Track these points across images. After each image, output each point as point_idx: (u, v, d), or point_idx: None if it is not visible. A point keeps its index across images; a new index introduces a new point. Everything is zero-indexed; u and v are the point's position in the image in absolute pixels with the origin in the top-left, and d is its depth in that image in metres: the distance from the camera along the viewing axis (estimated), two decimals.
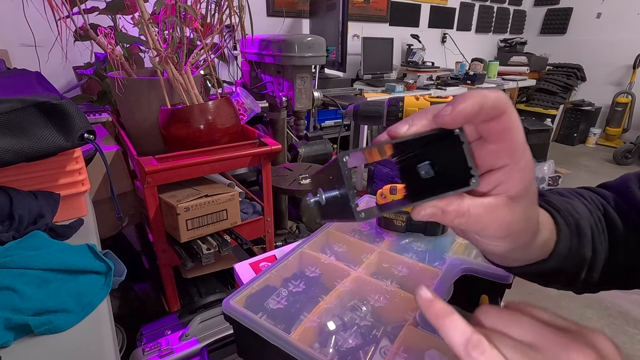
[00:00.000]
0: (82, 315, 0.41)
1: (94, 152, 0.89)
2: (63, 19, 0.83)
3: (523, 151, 0.24)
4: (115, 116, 1.21)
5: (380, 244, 0.62)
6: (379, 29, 3.03)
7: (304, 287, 0.53)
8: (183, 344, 0.68)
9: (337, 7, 2.03)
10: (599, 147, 3.96)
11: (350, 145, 2.69)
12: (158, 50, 0.87)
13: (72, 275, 0.44)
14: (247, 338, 0.46)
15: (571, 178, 3.10)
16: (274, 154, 1.00)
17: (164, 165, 0.84)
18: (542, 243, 0.32)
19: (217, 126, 0.94)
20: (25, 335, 0.39)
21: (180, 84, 0.91)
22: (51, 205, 0.55)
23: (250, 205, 1.10)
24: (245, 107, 1.36)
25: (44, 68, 1.14)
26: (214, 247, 0.93)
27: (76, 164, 0.59)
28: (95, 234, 0.59)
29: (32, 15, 1.05)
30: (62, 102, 0.52)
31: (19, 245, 0.47)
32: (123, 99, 0.97)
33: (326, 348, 0.43)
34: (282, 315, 0.47)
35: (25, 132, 0.50)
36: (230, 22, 0.93)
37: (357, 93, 2.39)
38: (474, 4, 3.71)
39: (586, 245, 0.35)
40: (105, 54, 1.04)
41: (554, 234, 0.33)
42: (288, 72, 1.20)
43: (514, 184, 0.25)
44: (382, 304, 0.49)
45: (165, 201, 0.90)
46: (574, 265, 0.35)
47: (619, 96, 3.73)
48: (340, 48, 2.11)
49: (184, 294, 1.05)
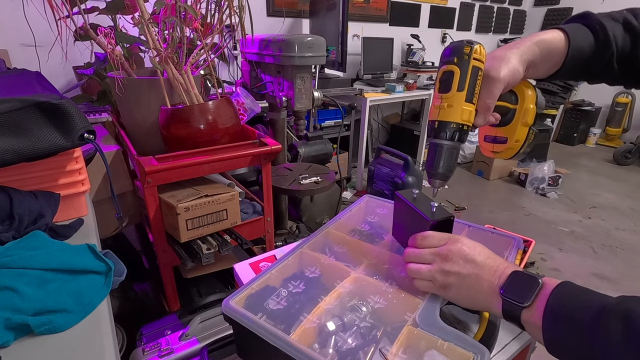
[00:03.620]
0: (82, 315, 0.41)
1: (94, 152, 0.89)
2: (63, 19, 0.83)
3: None
4: (115, 116, 1.21)
5: (380, 244, 0.62)
6: (379, 29, 3.03)
7: (304, 287, 0.53)
8: (183, 344, 0.68)
9: (337, 7, 2.03)
10: (599, 147, 3.96)
11: (351, 145, 2.69)
12: (158, 50, 0.87)
13: (72, 275, 0.44)
14: (247, 338, 0.46)
15: (571, 178, 3.10)
16: (274, 154, 1.00)
17: (164, 165, 0.84)
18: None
19: (217, 126, 0.94)
20: (25, 335, 0.39)
21: (180, 84, 0.91)
22: (51, 205, 0.55)
23: (250, 205, 1.10)
24: (245, 107, 1.36)
25: (44, 68, 1.14)
26: (214, 247, 0.93)
27: (76, 164, 0.59)
28: (95, 234, 0.59)
29: (32, 15, 1.05)
30: (62, 102, 0.52)
31: (19, 245, 0.47)
32: (123, 99, 0.97)
33: (326, 348, 0.43)
34: (281, 316, 0.47)
35: (25, 132, 0.50)
36: (230, 22, 0.93)
37: (357, 93, 2.39)
38: (474, 4, 3.71)
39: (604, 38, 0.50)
40: (105, 54, 1.04)
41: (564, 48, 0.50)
42: (288, 72, 1.20)
43: None
44: (382, 305, 0.49)
45: (165, 201, 0.90)
46: (596, 55, 0.51)
47: (619, 96, 3.73)
48: (340, 48, 2.11)
49: (184, 294, 1.05)
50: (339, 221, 0.68)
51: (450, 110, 0.48)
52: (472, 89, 0.48)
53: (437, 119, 0.49)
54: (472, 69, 0.47)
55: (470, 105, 0.48)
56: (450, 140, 0.49)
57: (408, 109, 3.46)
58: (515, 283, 0.42)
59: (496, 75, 0.48)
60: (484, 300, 0.44)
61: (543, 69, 0.52)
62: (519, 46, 0.51)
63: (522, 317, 0.40)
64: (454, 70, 0.47)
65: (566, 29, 0.51)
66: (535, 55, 0.50)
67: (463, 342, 0.41)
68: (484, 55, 0.48)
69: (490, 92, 0.49)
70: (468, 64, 0.47)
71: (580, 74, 0.55)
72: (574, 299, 0.37)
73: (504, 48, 0.51)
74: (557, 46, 0.51)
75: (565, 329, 0.36)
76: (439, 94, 0.49)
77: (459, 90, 0.47)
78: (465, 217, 2.43)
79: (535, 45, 0.50)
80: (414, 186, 2.07)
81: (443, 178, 0.51)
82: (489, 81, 0.49)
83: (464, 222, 0.64)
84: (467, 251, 0.46)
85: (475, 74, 0.48)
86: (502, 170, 3.07)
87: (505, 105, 0.55)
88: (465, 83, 0.47)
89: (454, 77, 0.47)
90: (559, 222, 2.39)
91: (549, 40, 0.51)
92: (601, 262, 1.97)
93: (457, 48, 0.48)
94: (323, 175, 1.40)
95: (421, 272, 0.48)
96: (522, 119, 0.54)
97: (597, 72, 0.54)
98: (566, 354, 0.37)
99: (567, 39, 0.50)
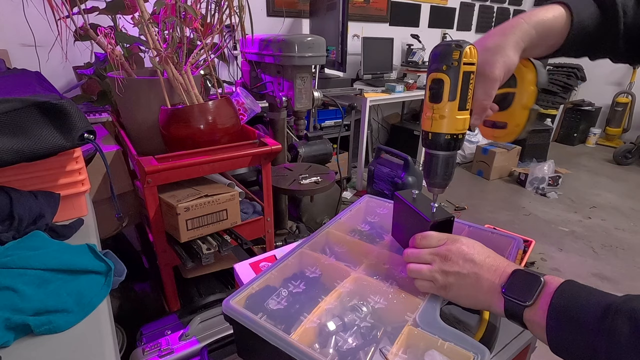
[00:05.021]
0: (82, 315, 0.41)
1: (94, 152, 0.89)
2: (63, 19, 0.83)
3: None
4: (115, 116, 1.21)
5: (380, 244, 0.62)
6: (379, 29, 3.03)
7: (304, 287, 0.53)
8: (183, 344, 0.68)
9: (337, 7, 2.03)
10: (599, 147, 3.97)
11: (351, 145, 2.69)
12: (158, 50, 0.87)
13: (72, 275, 0.44)
14: (247, 338, 0.46)
15: (571, 178, 3.10)
16: (274, 154, 1.00)
17: (164, 165, 0.84)
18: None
19: (217, 126, 0.94)
20: (25, 335, 0.39)
21: (180, 84, 0.91)
22: (51, 205, 0.55)
23: (250, 205, 1.10)
24: (245, 107, 1.36)
25: (44, 68, 1.13)
26: (214, 247, 0.92)
27: (76, 164, 0.59)
28: (95, 234, 0.59)
29: (32, 15, 1.05)
30: (62, 102, 0.52)
31: (19, 245, 0.47)
32: (123, 99, 0.97)
33: (326, 348, 0.43)
34: (282, 316, 0.47)
35: (25, 132, 0.50)
36: (230, 22, 0.93)
37: (357, 93, 2.39)
38: (474, 4, 3.71)
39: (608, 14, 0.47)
40: (105, 54, 1.04)
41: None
42: (288, 72, 1.20)
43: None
44: (382, 305, 0.49)
45: (165, 201, 0.90)
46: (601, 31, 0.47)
47: (619, 96, 3.73)
48: (340, 48, 2.11)
49: (184, 294, 1.05)
50: (339, 221, 0.68)
51: (442, 122, 0.45)
52: (465, 95, 0.44)
53: (430, 131, 0.46)
54: (463, 75, 0.43)
55: (464, 113, 0.45)
56: (445, 151, 0.47)
57: (408, 109, 3.46)
58: (517, 282, 0.42)
59: (491, 74, 0.45)
60: (485, 300, 0.44)
61: (539, 50, 0.49)
62: (514, 31, 0.46)
63: (524, 316, 0.40)
64: (443, 79, 0.44)
65: (569, 3, 0.47)
66: (532, 40, 0.47)
67: (463, 342, 0.41)
68: (475, 56, 0.44)
69: (486, 92, 0.46)
70: (458, 71, 0.43)
71: (583, 51, 0.51)
72: (578, 299, 0.37)
73: (497, 34, 0.47)
74: (557, 26, 0.47)
75: (569, 329, 0.36)
76: (429, 103, 0.46)
77: (450, 100, 0.44)
78: (465, 217, 2.43)
79: (533, 28, 0.46)
80: (414, 186, 2.07)
81: (441, 186, 0.50)
82: (484, 81, 0.45)
83: (464, 223, 0.64)
84: (466, 250, 0.46)
85: (467, 80, 0.44)
86: (502, 170, 3.07)
87: (502, 92, 0.51)
88: (456, 92, 0.44)
89: (444, 86, 0.44)
90: (559, 222, 2.39)
91: (548, 22, 0.47)
92: (601, 262, 1.97)
93: (444, 53, 0.43)
94: (323, 175, 1.40)
95: (421, 272, 0.48)
96: (522, 102, 0.50)
97: (601, 49, 0.50)
98: (570, 353, 0.37)
99: (570, 15, 0.47)
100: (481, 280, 0.44)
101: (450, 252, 0.47)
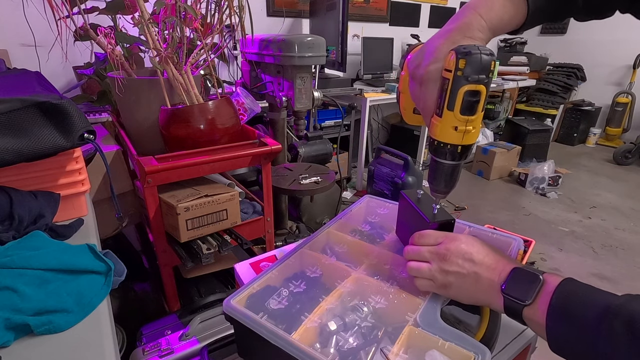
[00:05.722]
0: (82, 315, 0.41)
1: (94, 152, 0.89)
2: (63, 19, 0.83)
3: None
4: (115, 116, 1.21)
5: (380, 244, 0.62)
6: (379, 29, 3.03)
7: (305, 287, 0.53)
8: (183, 344, 0.68)
9: (337, 7, 2.03)
10: (599, 147, 3.96)
11: (351, 145, 2.69)
12: (158, 50, 0.87)
13: (72, 275, 0.44)
14: (248, 338, 0.46)
15: (571, 178, 3.10)
16: (274, 154, 1.00)
17: (164, 165, 0.84)
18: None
19: (217, 126, 0.94)
20: (25, 335, 0.39)
21: (180, 84, 0.91)
22: (51, 205, 0.55)
23: (250, 205, 1.10)
24: (245, 107, 1.36)
25: (44, 68, 1.14)
26: (214, 247, 0.92)
27: (76, 164, 0.59)
28: (95, 234, 0.59)
29: (32, 15, 1.05)
30: (62, 102, 0.52)
31: (19, 245, 0.47)
32: (123, 99, 0.97)
33: (327, 348, 0.43)
34: (283, 316, 0.47)
35: (25, 132, 0.50)
36: (230, 22, 0.93)
37: (357, 93, 2.39)
38: None
39: None
40: (105, 54, 1.04)
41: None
42: (288, 72, 1.20)
43: None
44: (383, 305, 0.49)
45: (165, 201, 0.89)
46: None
47: (619, 96, 3.73)
48: (340, 48, 2.11)
49: (184, 294, 1.05)
50: (340, 221, 0.68)
51: (472, 134, 0.43)
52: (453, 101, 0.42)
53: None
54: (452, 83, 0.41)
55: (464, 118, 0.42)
56: (451, 161, 0.46)
57: None
58: (516, 280, 0.42)
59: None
60: (485, 298, 0.44)
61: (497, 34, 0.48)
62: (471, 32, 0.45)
63: (524, 315, 0.40)
64: (481, 91, 0.41)
65: None
66: (487, 38, 0.46)
67: (464, 342, 0.41)
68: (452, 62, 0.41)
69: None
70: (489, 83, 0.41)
71: (542, 21, 0.51)
72: (578, 299, 0.37)
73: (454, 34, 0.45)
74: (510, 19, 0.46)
75: (569, 328, 0.36)
76: (460, 115, 0.42)
77: (449, 109, 0.42)
78: (465, 217, 2.43)
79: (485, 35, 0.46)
80: (413, 186, 2.07)
81: (445, 193, 0.50)
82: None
83: (464, 223, 0.64)
84: (465, 249, 0.46)
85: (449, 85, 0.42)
86: (502, 170, 3.07)
87: None
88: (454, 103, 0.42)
89: (481, 98, 0.41)
90: (559, 222, 2.39)
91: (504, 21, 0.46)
92: (601, 262, 1.97)
93: (486, 64, 0.40)
94: (323, 175, 1.40)
95: (421, 270, 0.48)
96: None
97: (560, 12, 0.50)
98: (570, 352, 0.37)
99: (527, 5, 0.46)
100: (481, 279, 0.44)
101: (449, 251, 0.47)
